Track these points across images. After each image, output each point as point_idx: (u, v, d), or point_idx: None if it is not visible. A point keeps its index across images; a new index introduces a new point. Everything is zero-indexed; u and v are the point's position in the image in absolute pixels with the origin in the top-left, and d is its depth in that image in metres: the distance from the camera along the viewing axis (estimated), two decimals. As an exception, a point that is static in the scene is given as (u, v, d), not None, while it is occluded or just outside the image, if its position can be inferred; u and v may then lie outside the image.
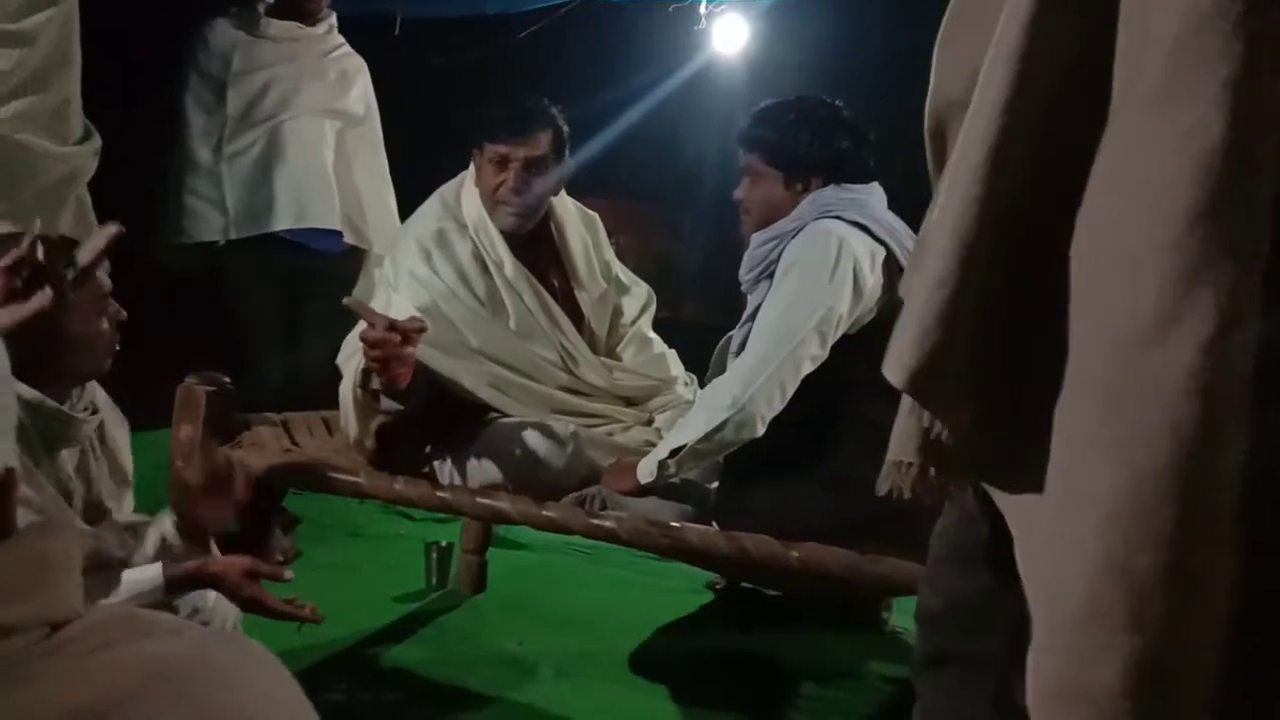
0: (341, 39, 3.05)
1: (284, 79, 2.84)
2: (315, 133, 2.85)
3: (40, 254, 1.09)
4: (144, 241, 2.80)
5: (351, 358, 1.98)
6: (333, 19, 3.01)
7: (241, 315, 2.83)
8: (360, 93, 3.00)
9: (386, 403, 1.98)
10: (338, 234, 2.87)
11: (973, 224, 0.67)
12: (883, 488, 0.94)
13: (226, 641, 0.61)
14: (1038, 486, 0.68)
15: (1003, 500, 0.76)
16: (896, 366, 0.75)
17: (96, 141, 2.14)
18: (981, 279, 0.68)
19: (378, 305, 2.14)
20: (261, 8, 2.90)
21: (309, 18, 2.93)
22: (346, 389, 2.00)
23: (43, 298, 1.11)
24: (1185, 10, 0.57)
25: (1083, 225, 0.64)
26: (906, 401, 0.84)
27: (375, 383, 1.92)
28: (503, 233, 2.16)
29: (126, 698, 0.51)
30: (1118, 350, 0.61)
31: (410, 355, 1.81)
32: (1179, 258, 0.57)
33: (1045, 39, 0.64)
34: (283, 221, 2.78)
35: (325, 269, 2.87)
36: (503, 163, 2.11)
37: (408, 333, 1.77)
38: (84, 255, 1.15)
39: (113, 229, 1.19)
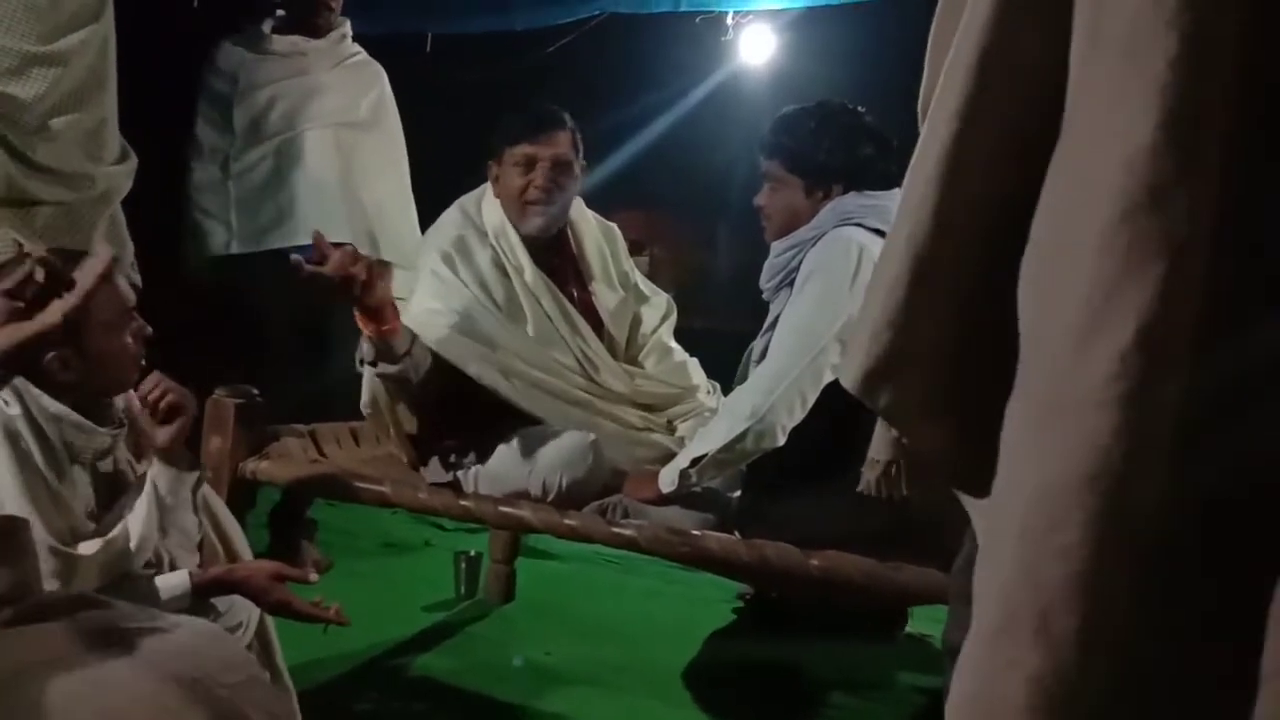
0: (356, 47, 2.98)
1: (290, 94, 2.80)
2: (323, 146, 2.80)
3: (41, 276, 1.10)
4: (175, 258, 2.82)
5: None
6: (346, 28, 2.96)
7: (254, 331, 2.78)
8: (375, 101, 2.93)
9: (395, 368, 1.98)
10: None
11: (925, 227, 0.66)
12: (862, 484, 0.95)
13: (191, 623, 0.63)
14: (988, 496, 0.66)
15: (972, 510, 0.75)
16: (847, 368, 0.74)
17: (133, 162, 2.18)
18: (937, 282, 0.67)
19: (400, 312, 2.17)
20: (267, 26, 2.87)
21: (316, 31, 2.88)
22: (366, 378, 2.05)
23: (46, 318, 1.12)
24: (1127, 8, 0.56)
25: (1034, 230, 0.63)
26: None
27: (367, 351, 1.95)
28: (526, 237, 2.19)
29: (29, 668, 0.53)
30: (1050, 358, 0.59)
31: (367, 274, 1.84)
32: (1106, 262, 0.55)
33: (1004, 40, 0.63)
34: (286, 238, 2.72)
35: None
36: (529, 164, 2.15)
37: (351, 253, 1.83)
38: (82, 280, 1.16)
39: (106, 255, 1.22)
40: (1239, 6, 0.55)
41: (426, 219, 2.48)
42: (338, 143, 2.82)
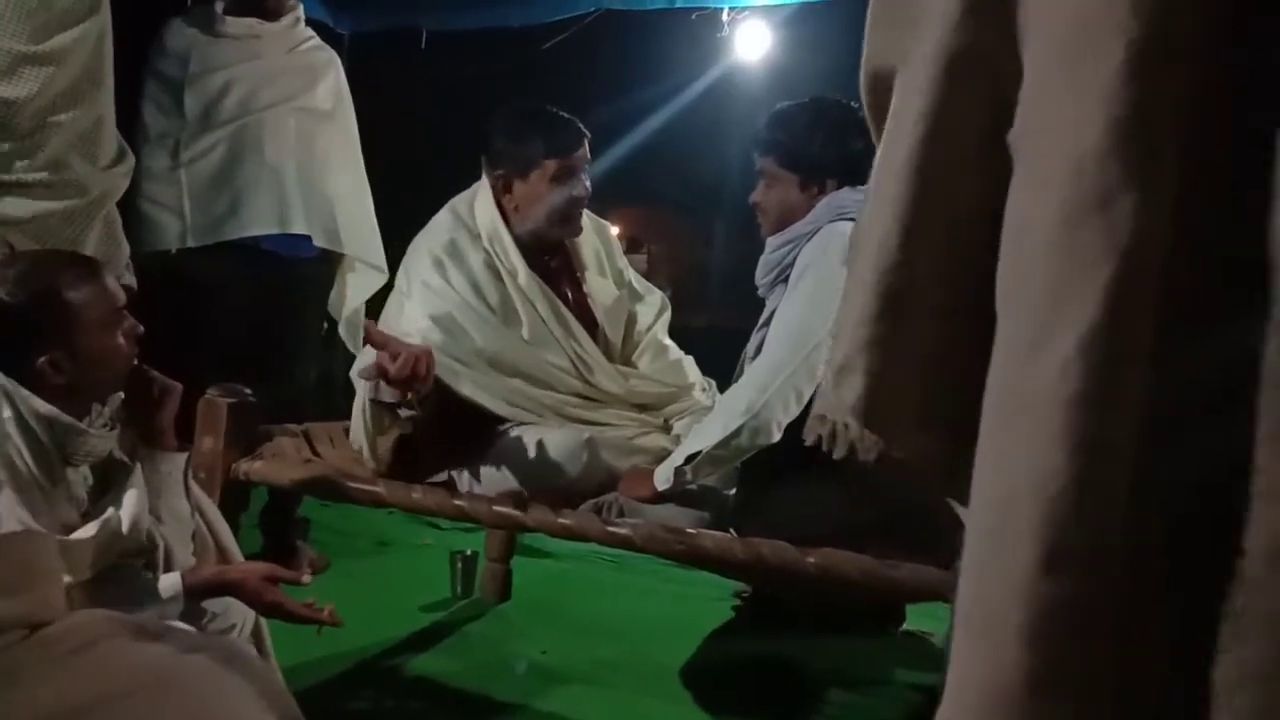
0: (310, 32, 2.85)
1: (245, 78, 2.65)
2: (281, 131, 2.65)
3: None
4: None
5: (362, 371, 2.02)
6: (299, 11, 2.81)
7: (205, 326, 2.60)
8: (330, 88, 2.79)
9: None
10: (307, 238, 2.67)
11: (896, 232, 0.66)
12: (809, 437, 0.96)
13: (212, 645, 0.62)
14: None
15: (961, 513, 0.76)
16: (827, 374, 0.74)
17: (129, 162, 2.13)
18: (912, 288, 0.67)
19: (390, 315, 2.16)
20: (219, 6, 2.71)
21: (271, 14, 2.73)
22: (358, 405, 2.03)
23: None
24: (1073, 11, 0.56)
25: (1004, 233, 0.63)
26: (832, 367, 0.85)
27: (387, 394, 1.94)
28: (521, 238, 2.19)
29: (111, 699, 0.52)
30: (1006, 362, 0.59)
31: (426, 370, 1.88)
32: (1055, 265, 0.56)
33: (968, 39, 0.63)
34: (244, 228, 2.59)
35: (295, 275, 2.69)
36: (568, 175, 2.16)
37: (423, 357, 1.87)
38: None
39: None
40: (1191, 10, 0.55)
41: (421, 215, 2.46)
42: (296, 129, 2.69)
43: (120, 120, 2.53)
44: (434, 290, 2.13)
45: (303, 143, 2.69)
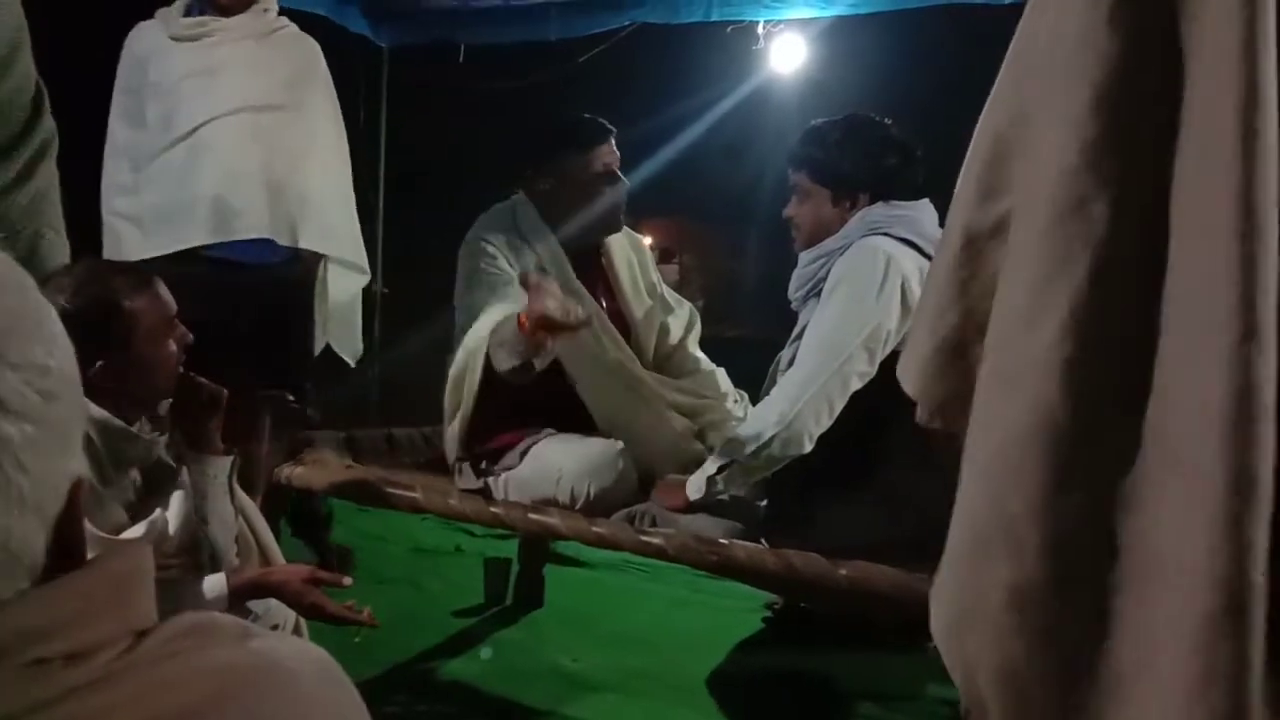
0: (283, 21, 2.63)
1: (203, 80, 2.47)
2: (239, 134, 2.46)
3: None
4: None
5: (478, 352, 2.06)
6: (268, 1, 2.59)
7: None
8: (297, 78, 2.58)
9: None
10: (271, 242, 2.49)
11: (948, 280, 0.84)
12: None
13: (291, 647, 0.63)
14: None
15: None
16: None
17: None
18: (965, 330, 0.83)
19: (475, 306, 2.15)
20: (179, 6, 2.54)
21: (228, 10, 2.53)
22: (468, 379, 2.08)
23: None
24: (1059, 60, 0.72)
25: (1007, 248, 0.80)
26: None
27: (504, 361, 1.96)
28: (563, 244, 2.21)
29: (196, 708, 0.54)
30: (1005, 336, 0.75)
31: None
32: (1044, 256, 0.71)
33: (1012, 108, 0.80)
34: (200, 236, 2.42)
35: (262, 280, 2.50)
36: (606, 173, 2.21)
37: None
38: None
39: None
40: (1148, 54, 0.69)
41: (459, 225, 2.44)
42: (256, 128, 2.49)
43: (96, 133, 2.48)
44: (504, 282, 2.14)
45: (265, 140, 2.51)
